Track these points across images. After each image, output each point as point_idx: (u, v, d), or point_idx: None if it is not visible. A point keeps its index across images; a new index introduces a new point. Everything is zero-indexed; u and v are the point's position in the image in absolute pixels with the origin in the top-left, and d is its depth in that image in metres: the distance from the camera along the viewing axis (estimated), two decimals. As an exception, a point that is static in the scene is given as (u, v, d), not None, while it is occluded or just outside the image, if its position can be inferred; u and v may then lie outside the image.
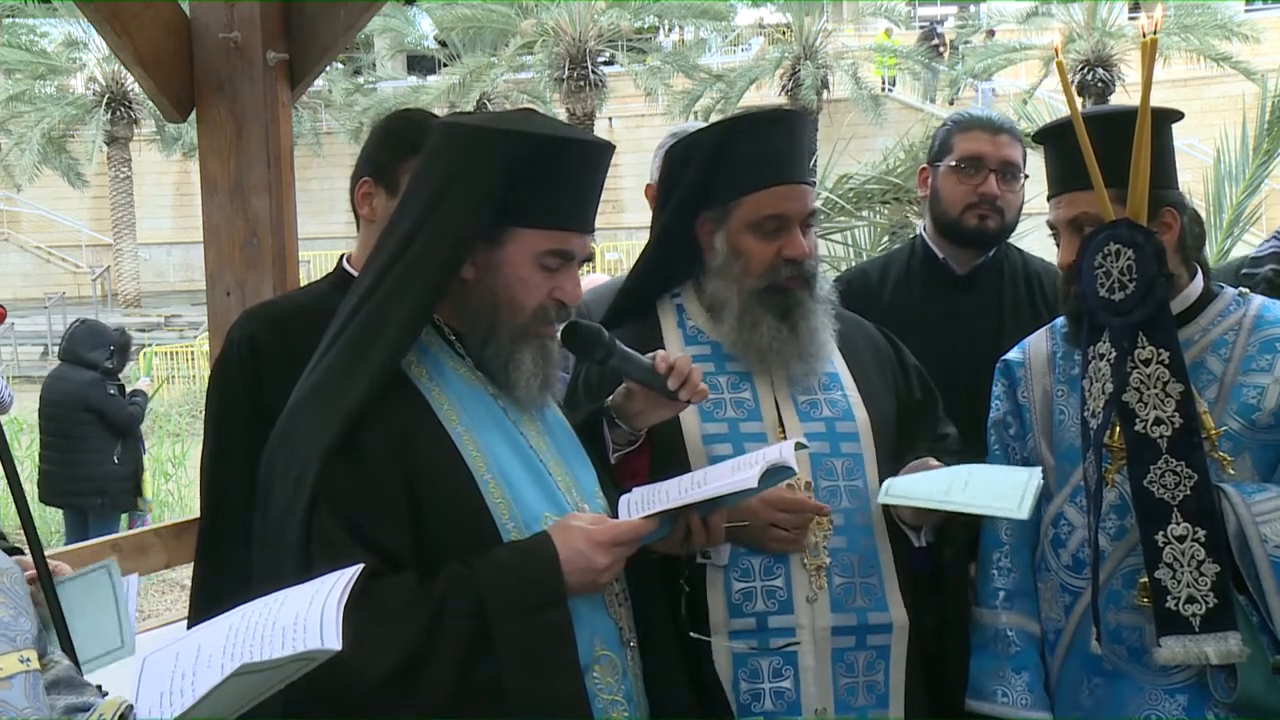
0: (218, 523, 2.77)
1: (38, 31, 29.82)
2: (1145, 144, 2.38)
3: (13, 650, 1.64)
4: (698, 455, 2.55)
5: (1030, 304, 3.28)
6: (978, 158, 3.23)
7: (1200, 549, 2.35)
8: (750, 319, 2.60)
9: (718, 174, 2.62)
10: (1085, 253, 2.45)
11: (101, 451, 8.62)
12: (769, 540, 2.51)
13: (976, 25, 32.03)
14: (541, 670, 1.97)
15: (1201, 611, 2.34)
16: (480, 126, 2.15)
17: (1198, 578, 2.35)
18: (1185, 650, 2.35)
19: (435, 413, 2.08)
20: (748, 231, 2.59)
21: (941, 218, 3.26)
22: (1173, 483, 2.37)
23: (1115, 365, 2.41)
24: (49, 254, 32.25)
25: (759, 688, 2.52)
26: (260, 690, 1.59)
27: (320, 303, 2.64)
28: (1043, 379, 2.68)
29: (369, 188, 2.76)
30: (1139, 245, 2.37)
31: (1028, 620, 2.63)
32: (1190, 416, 2.37)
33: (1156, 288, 2.37)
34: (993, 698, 2.60)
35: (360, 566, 1.74)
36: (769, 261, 2.59)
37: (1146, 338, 2.39)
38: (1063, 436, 2.62)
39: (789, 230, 2.58)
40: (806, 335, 2.60)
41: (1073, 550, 2.56)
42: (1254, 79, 20.15)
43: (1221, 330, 2.54)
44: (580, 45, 27.01)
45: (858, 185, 7.84)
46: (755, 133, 2.63)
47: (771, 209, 2.58)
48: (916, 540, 2.64)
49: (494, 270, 2.11)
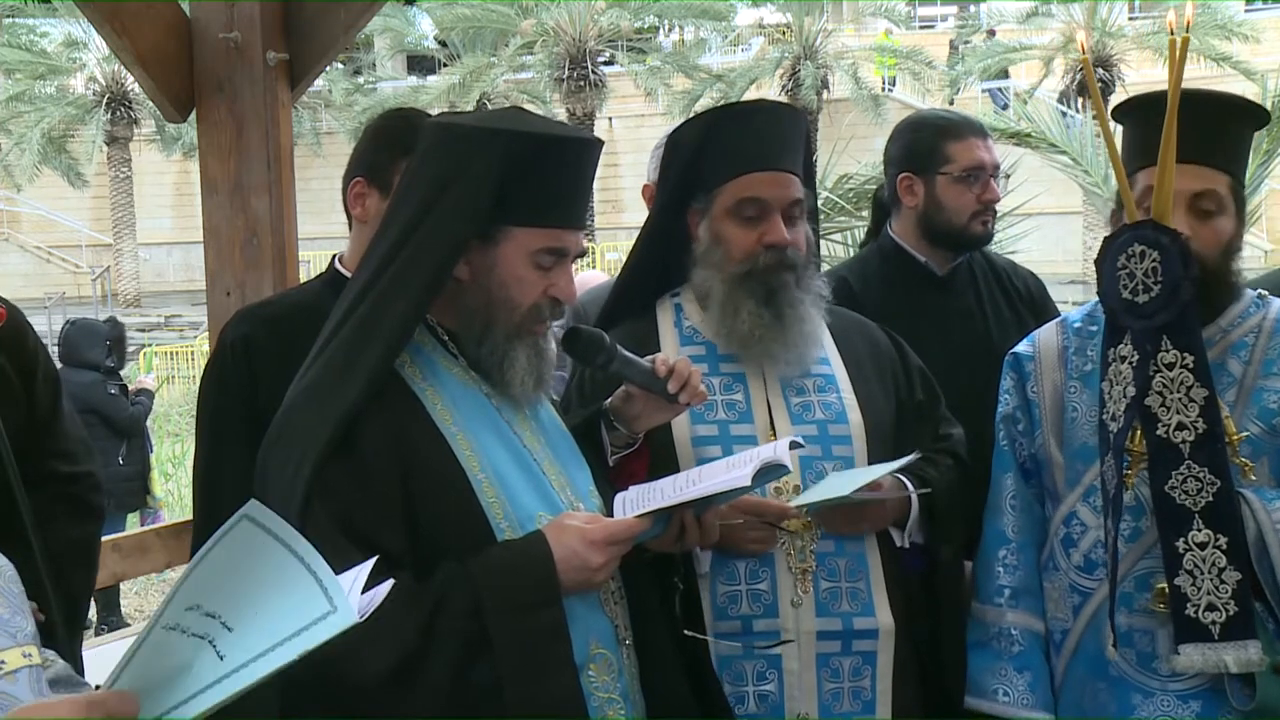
0: (212, 524, 2.75)
1: (38, 31, 29.82)
2: (1172, 143, 2.34)
3: (15, 645, 1.65)
4: (686, 457, 2.54)
5: (1006, 300, 3.32)
6: (980, 166, 3.24)
7: (1221, 556, 2.32)
8: (732, 305, 2.60)
9: (703, 164, 2.64)
10: (1107, 253, 2.41)
11: (105, 453, 8.58)
12: (744, 543, 2.50)
13: (976, 25, 32.01)
14: (537, 669, 1.98)
15: (1221, 619, 2.32)
16: (473, 126, 2.15)
17: (1218, 585, 2.32)
18: (1204, 658, 2.33)
19: (429, 412, 2.08)
20: (728, 218, 2.61)
21: (944, 226, 3.24)
22: (1195, 489, 2.34)
23: (1137, 368, 2.37)
24: (49, 254, 32.25)
25: (743, 690, 2.51)
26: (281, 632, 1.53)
27: (313, 303, 2.64)
28: (1053, 374, 2.65)
29: (362, 188, 2.75)
30: (1164, 247, 2.33)
31: (1033, 619, 2.61)
32: (1214, 421, 2.34)
33: (1182, 290, 2.33)
34: (993, 696, 2.58)
35: (374, 560, 1.73)
36: (749, 248, 2.59)
37: (1170, 341, 2.36)
38: (1074, 434, 2.59)
39: (769, 216, 2.59)
40: (793, 324, 2.59)
41: (1084, 551, 2.54)
42: (1254, 79, 20.17)
43: (1242, 332, 2.51)
44: (580, 45, 27.02)
45: (858, 185, 7.85)
46: (738, 122, 2.66)
47: (749, 193, 2.59)
48: (899, 539, 2.63)
49: (489, 269, 2.11)
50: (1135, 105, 2.56)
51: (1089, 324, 2.65)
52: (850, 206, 7.69)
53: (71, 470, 2.80)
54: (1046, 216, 15.45)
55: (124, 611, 8.89)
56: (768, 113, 2.69)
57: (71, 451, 2.85)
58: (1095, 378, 2.55)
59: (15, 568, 1.78)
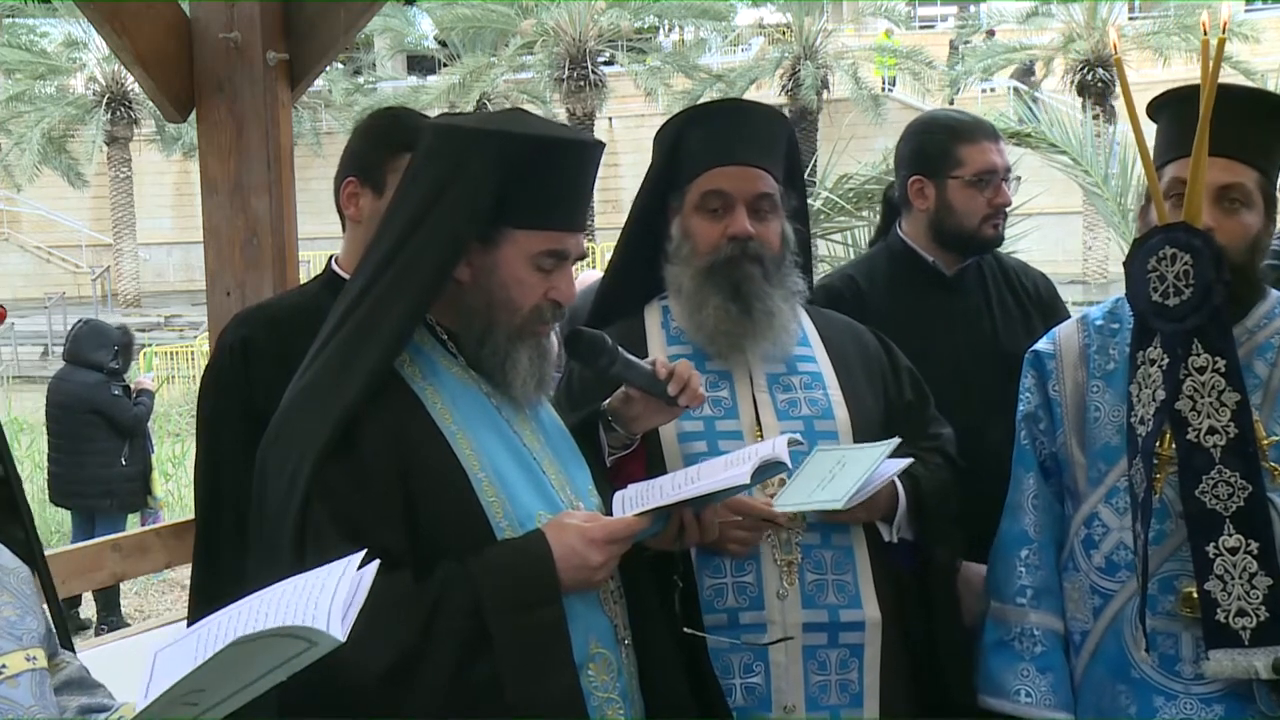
0: (214, 526, 2.76)
1: (38, 31, 29.80)
2: (1204, 142, 2.32)
3: (19, 649, 1.64)
4: (673, 453, 2.56)
5: (1015, 301, 3.31)
6: (992, 170, 3.22)
7: (1253, 561, 2.31)
8: (699, 299, 2.63)
9: (677, 162, 2.68)
10: (1137, 256, 2.39)
11: (108, 453, 8.62)
12: (728, 542, 2.50)
13: (976, 25, 32.01)
14: (537, 668, 1.98)
15: (1252, 625, 2.30)
16: (473, 128, 2.15)
17: (1249, 590, 2.31)
18: (1234, 663, 2.32)
19: (429, 412, 2.08)
20: (695, 213, 2.64)
21: (955, 229, 3.22)
22: (1225, 493, 2.32)
23: (1167, 372, 2.35)
24: (49, 254, 32.24)
25: (730, 683, 2.52)
26: (259, 672, 1.57)
27: (312, 304, 2.63)
28: (1075, 372, 2.63)
29: (354, 188, 2.73)
30: (1196, 250, 2.31)
31: (1054, 619, 2.60)
32: (1245, 426, 2.32)
33: (1214, 294, 2.31)
34: (1015, 696, 2.57)
35: (362, 553, 1.73)
36: (714, 241, 2.61)
37: (1201, 344, 2.34)
38: (1097, 434, 2.57)
39: (733, 209, 2.61)
40: (760, 317, 2.60)
41: (1106, 552, 2.53)
42: (1254, 79, 20.15)
43: (1268, 333, 2.49)
44: (580, 45, 27.01)
45: (858, 185, 7.83)
46: (709, 120, 2.70)
47: (712, 185, 2.62)
48: (887, 534, 2.63)
49: (489, 271, 2.11)
50: (1169, 99, 2.54)
51: (1110, 322, 2.63)
52: (850, 206, 7.68)
53: None
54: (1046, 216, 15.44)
55: (124, 612, 8.89)
56: (739, 111, 2.73)
57: None
58: (1118, 377, 2.54)
59: None
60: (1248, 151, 2.42)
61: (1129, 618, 2.47)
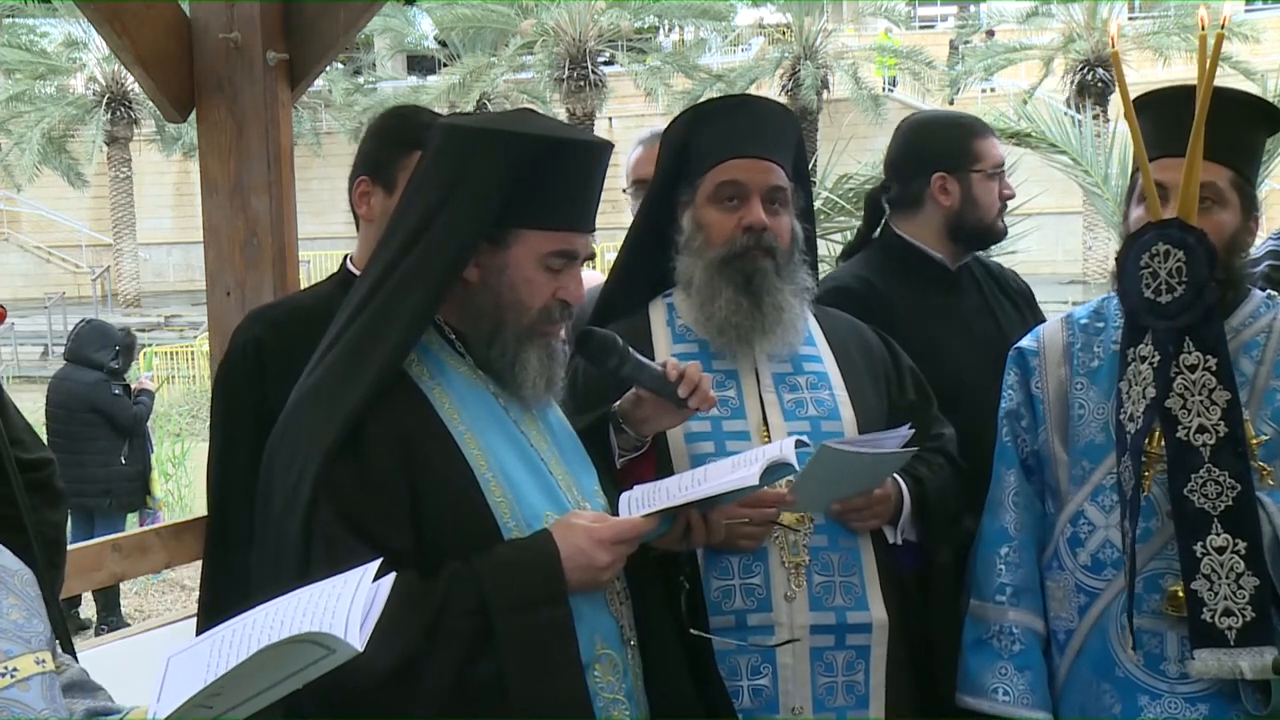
0: (225, 525, 2.77)
1: (38, 31, 29.82)
2: (1199, 140, 2.32)
3: (29, 652, 1.63)
4: (680, 453, 2.55)
5: (1007, 298, 3.36)
6: (1002, 162, 3.31)
7: (1240, 561, 2.30)
8: (710, 291, 2.62)
9: (688, 157, 2.68)
10: (1130, 252, 2.39)
11: (107, 453, 8.62)
12: (738, 538, 2.49)
13: (976, 25, 32.02)
14: (543, 668, 1.97)
15: (1238, 625, 2.30)
16: (483, 129, 2.15)
17: (1235, 590, 2.31)
18: (1219, 663, 2.32)
19: (436, 412, 2.08)
20: (709, 204, 2.64)
21: (974, 223, 3.25)
22: (1214, 492, 2.32)
23: (1158, 369, 2.34)
24: (49, 254, 32.26)
25: (737, 685, 2.51)
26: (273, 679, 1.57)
27: (325, 304, 2.62)
28: (1058, 370, 2.63)
29: (366, 186, 2.75)
30: (1190, 247, 2.31)
31: (1034, 618, 2.59)
32: (1236, 425, 2.31)
33: (1207, 292, 2.31)
34: (992, 695, 2.56)
35: (378, 563, 1.73)
36: (728, 232, 2.61)
37: (1193, 342, 2.33)
38: (1080, 432, 2.57)
39: (748, 201, 2.61)
40: (770, 312, 2.60)
41: (1092, 550, 2.52)
42: (1254, 79, 20.17)
43: (1253, 332, 2.49)
44: (580, 45, 27.01)
45: (858, 185, 7.83)
46: (722, 114, 2.70)
47: (727, 176, 2.62)
48: (891, 536, 2.63)
49: (498, 272, 2.11)
50: (1151, 99, 2.55)
51: (1095, 320, 2.63)
52: (850, 206, 7.68)
53: (31, 458, 2.78)
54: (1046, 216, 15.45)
55: (124, 611, 8.89)
56: (752, 106, 2.74)
57: (25, 440, 2.83)
58: (1102, 375, 2.54)
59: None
60: (1219, 151, 2.41)
61: (1114, 616, 2.47)
